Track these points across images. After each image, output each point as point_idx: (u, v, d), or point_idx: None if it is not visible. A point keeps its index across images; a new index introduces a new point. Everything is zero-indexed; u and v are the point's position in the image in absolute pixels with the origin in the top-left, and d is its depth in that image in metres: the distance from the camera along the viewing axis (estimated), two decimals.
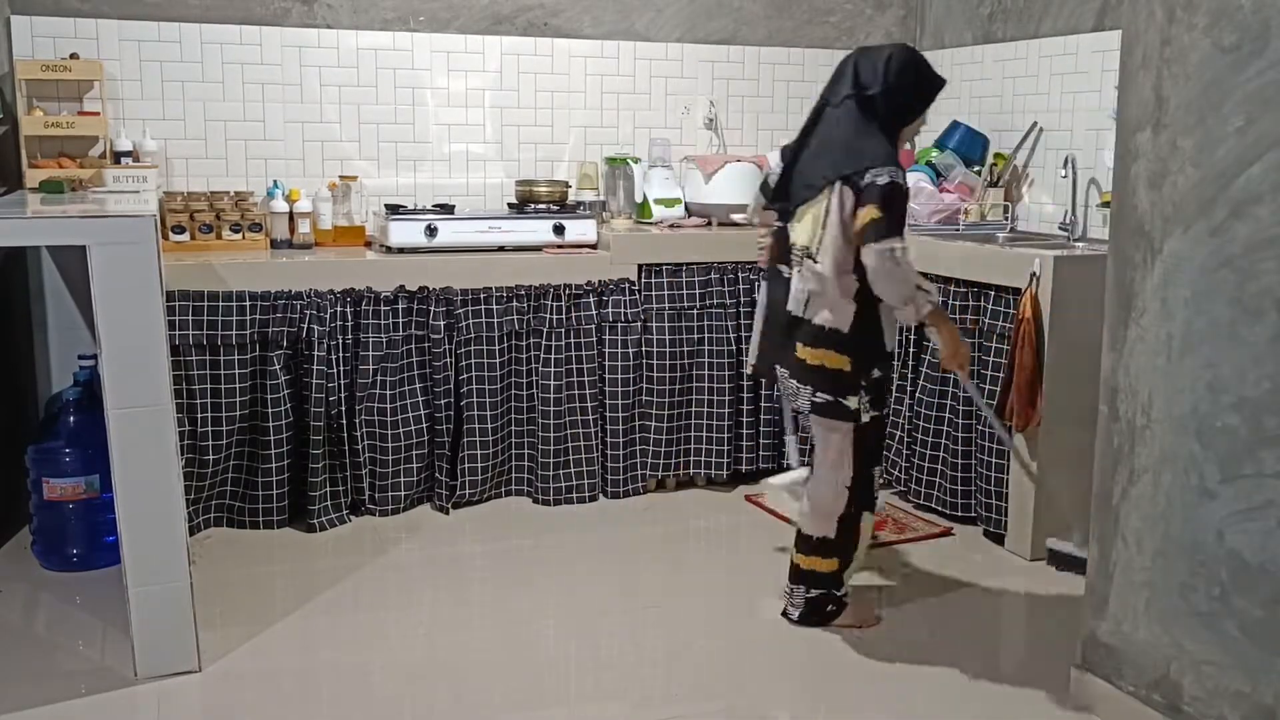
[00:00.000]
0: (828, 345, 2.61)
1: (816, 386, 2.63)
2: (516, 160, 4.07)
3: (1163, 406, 2.21)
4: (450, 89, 3.96)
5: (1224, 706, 2.12)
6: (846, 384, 2.62)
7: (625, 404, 3.68)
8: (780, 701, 2.48)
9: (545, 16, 4.04)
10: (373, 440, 3.43)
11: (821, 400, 2.63)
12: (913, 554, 3.31)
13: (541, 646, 2.71)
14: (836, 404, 2.63)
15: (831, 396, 2.62)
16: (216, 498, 3.35)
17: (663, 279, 3.67)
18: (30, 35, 3.47)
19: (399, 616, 2.85)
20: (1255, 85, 1.98)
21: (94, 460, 3.04)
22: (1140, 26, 2.23)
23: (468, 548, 3.32)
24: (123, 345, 2.37)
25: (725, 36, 4.28)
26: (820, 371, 2.62)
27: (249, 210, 3.52)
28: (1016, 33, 3.98)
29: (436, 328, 3.44)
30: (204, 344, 3.22)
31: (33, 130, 3.38)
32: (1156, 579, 2.25)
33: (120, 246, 2.34)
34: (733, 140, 4.35)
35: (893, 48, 2.62)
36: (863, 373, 2.61)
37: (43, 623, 2.80)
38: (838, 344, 2.60)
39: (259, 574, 3.09)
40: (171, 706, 2.40)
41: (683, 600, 2.99)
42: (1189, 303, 2.14)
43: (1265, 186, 1.98)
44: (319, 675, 2.55)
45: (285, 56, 3.74)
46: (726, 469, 3.82)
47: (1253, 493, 2.04)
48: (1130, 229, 2.28)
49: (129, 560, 2.43)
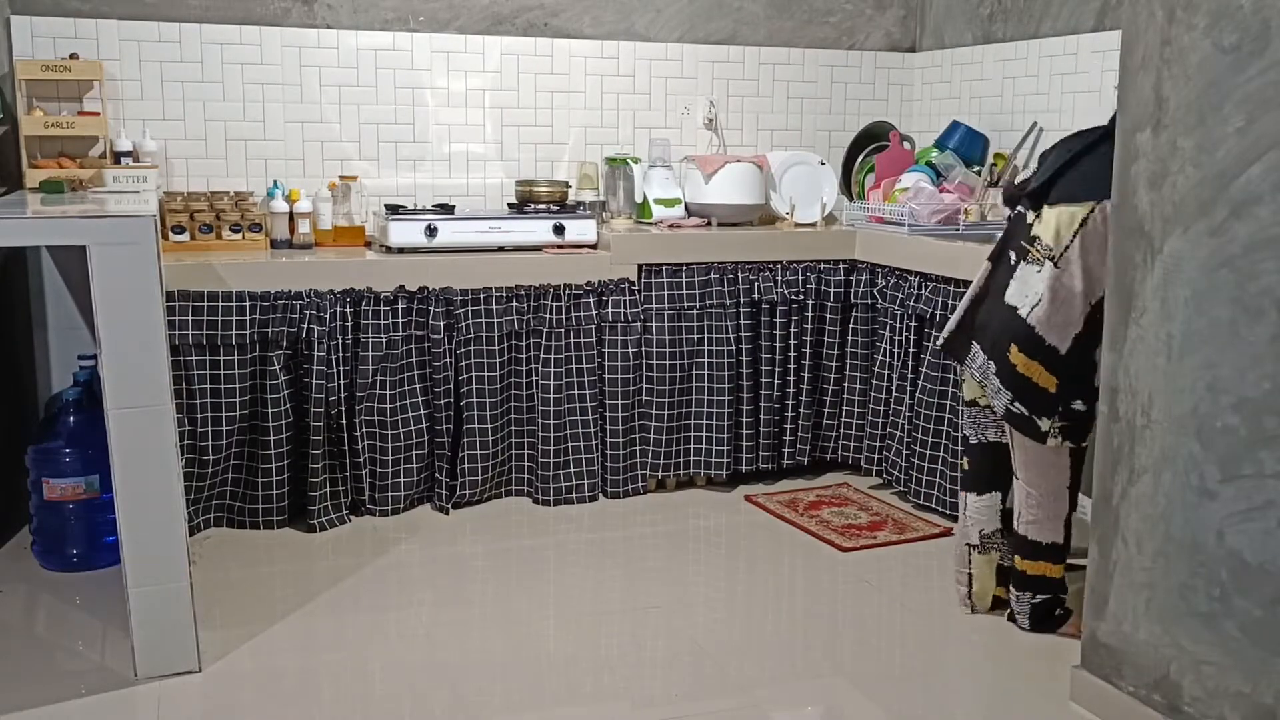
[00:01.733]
0: (1043, 359, 2.56)
1: (1017, 395, 2.59)
2: (516, 160, 4.07)
3: (1163, 406, 2.21)
4: (450, 89, 3.96)
5: (1224, 706, 2.12)
6: (1047, 405, 2.57)
7: (625, 404, 3.68)
8: (780, 701, 2.48)
9: (545, 16, 4.04)
10: (373, 440, 3.44)
11: (1018, 411, 2.60)
12: (913, 554, 3.31)
13: (541, 646, 2.71)
14: (1029, 420, 2.59)
15: (1027, 412, 2.58)
16: (216, 498, 3.35)
17: (663, 279, 3.67)
18: (30, 35, 3.47)
19: (399, 616, 2.85)
20: (1255, 85, 1.98)
21: (94, 460, 3.04)
22: (1140, 26, 2.23)
23: (468, 548, 3.32)
24: (123, 345, 2.37)
25: (725, 36, 4.28)
26: (1026, 384, 2.58)
27: (249, 210, 3.52)
28: (1016, 33, 3.98)
29: (436, 328, 3.44)
30: (204, 344, 3.22)
31: (33, 130, 3.38)
32: (1156, 579, 2.25)
33: (120, 246, 2.34)
34: (733, 140, 4.35)
35: None
36: (1066, 399, 2.57)
37: (43, 623, 2.80)
38: (1051, 362, 2.56)
39: (259, 574, 3.09)
40: (171, 706, 2.40)
41: (683, 600, 2.99)
42: (1189, 303, 2.14)
43: (1265, 186, 1.98)
44: (319, 675, 2.55)
45: (285, 56, 3.74)
46: (726, 469, 3.82)
47: (1253, 493, 2.04)
48: (1130, 229, 2.28)
49: (129, 560, 2.43)
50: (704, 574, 3.18)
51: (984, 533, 2.83)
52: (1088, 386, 2.57)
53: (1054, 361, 2.56)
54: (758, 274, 3.76)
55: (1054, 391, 2.57)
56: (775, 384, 3.83)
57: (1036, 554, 2.72)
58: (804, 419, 3.90)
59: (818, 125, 4.45)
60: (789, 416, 3.88)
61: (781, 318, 3.79)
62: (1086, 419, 2.59)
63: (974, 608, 2.88)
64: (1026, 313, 2.59)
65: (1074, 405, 2.58)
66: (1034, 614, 2.76)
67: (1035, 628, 2.77)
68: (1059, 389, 2.56)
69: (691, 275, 3.69)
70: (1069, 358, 2.56)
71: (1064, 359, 2.56)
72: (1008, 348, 2.61)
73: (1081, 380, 2.57)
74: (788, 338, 3.81)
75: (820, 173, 4.15)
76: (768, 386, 3.82)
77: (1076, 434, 2.61)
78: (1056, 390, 2.56)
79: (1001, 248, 2.74)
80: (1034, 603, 2.75)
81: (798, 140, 4.42)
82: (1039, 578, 2.74)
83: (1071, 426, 2.59)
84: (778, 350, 3.80)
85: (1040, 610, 2.76)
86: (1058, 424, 2.58)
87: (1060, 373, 2.56)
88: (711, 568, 3.24)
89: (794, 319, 3.82)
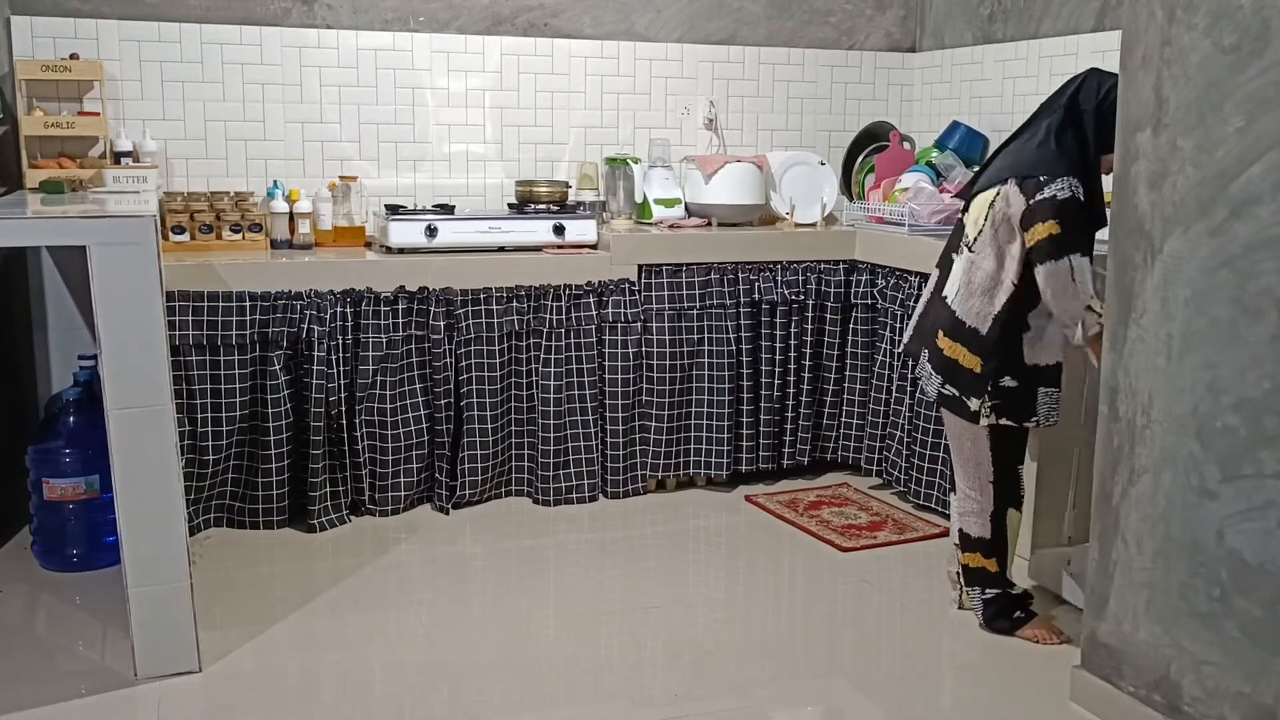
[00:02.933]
0: (965, 341, 2.63)
1: (946, 378, 2.66)
2: (516, 160, 4.07)
3: (1163, 407, 2.21)
4: (450, 89, 3.96)
5: (1224, 707, 2.12)
6: (973, 385, 2.62)
7: (625, 404, 3.68)
8: (780, 701, 2.48)
9: (545, 17, 4.04)
10: (373, 440, 3.44)
11: (948, 394, 2.67)
12: (913, 554, 3.31)
13: (541, 646, 2.71)
14: (959, 401, 2.65)
15: (956, 392, 2.65)
16: (216, 498, 3.35)
17: (663, 279, 3.67)
18: (30, 35, 3.47)
19: (399, 616, 2.85)
20: (1255, 85, 1.98)
21: (94, 460, 3.04)
22: (1140, 26, 2.23)
23: (468, 548, 3.32)
24: (123, 345, 2.37)
25: (725, 36, 4.28)
26: (953, 366, 2.65)
27: (249, 210, 3.52)
28: (1016, 33, 3.98)
29: (436, 328, 3.44)
30: (204, 344, 3.22)
31: (33, 130, 3.38)
32: (1156, 579, 2.25)
33: (120, 247, 2.34)
34: (733, 140, 4.35)
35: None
36: (992, 379, 2.60)
37: (43, 623, 2.80)
38: (974, 343, 2.62)
39: (259, 574, 3.09)
40: (171, 707, 2.40)
41: (683, 600, 2.99)
42: (1189, 303, 2.14)
43: (1265, 186, 1.98)
44: (319, 675, 2.55)
45: (285, 57, 3.74)
46: (726, 469, 3.82)
47: (1253, 493, 2.04)
48: (1130, 229, 2.28)
49: (129, 560, 2.43)
50: (704, 574, 3.18)
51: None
52: (1016, 364, 2.61)
53: (976, 342, 2.62)
54: (758, 274, 3.76)
55: (979, 372, 2.62)
56: (775, 384, 3.83)
57: (968, 545, 2.78)
58: (804, 419, 3.90)
59: (818, 125, 4.45)
60: (789, 417, 3.88)
61: (781, 318, 3.79)
62: (1021, 396, 2.62)
63: (962, 605, 2.90)
64: (952, 299, 2.66)
65: (1003, 383, 2.61)
66: (985, 610, 2.78)
67: (989, 625, 2.78)
68: (983, 369, 2.61)
69: (691, 275, 3.69)
70: (989, 338, 2.60)
71: (985, 339, 2.61)
72: (936, 334, 2.69)
73: (1008, 359, 2.61)
74: (788, 338, 3.81)
75: (820, 173, 4.15)
76: (768, 387, 3.82)
77: (1013, 411, 2.63)
78: (981, 370, 2.61)
79: (945, 251, 2.80)
80: (984, 598, 2.78)
81: (798, 140, 4.42)
82: (979, 570, 2.77)
83: (1004, 404, 2.62)
84: (778, 350, 3.81)
85: (992, 607, 2.77)
86: (988, 403, 2.62)
87: (983, 353, 2.61)
88: (711, 568, 3.24)
89: (794, 319, 3.82)
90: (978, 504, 2.74)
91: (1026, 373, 2.62)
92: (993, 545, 2.74)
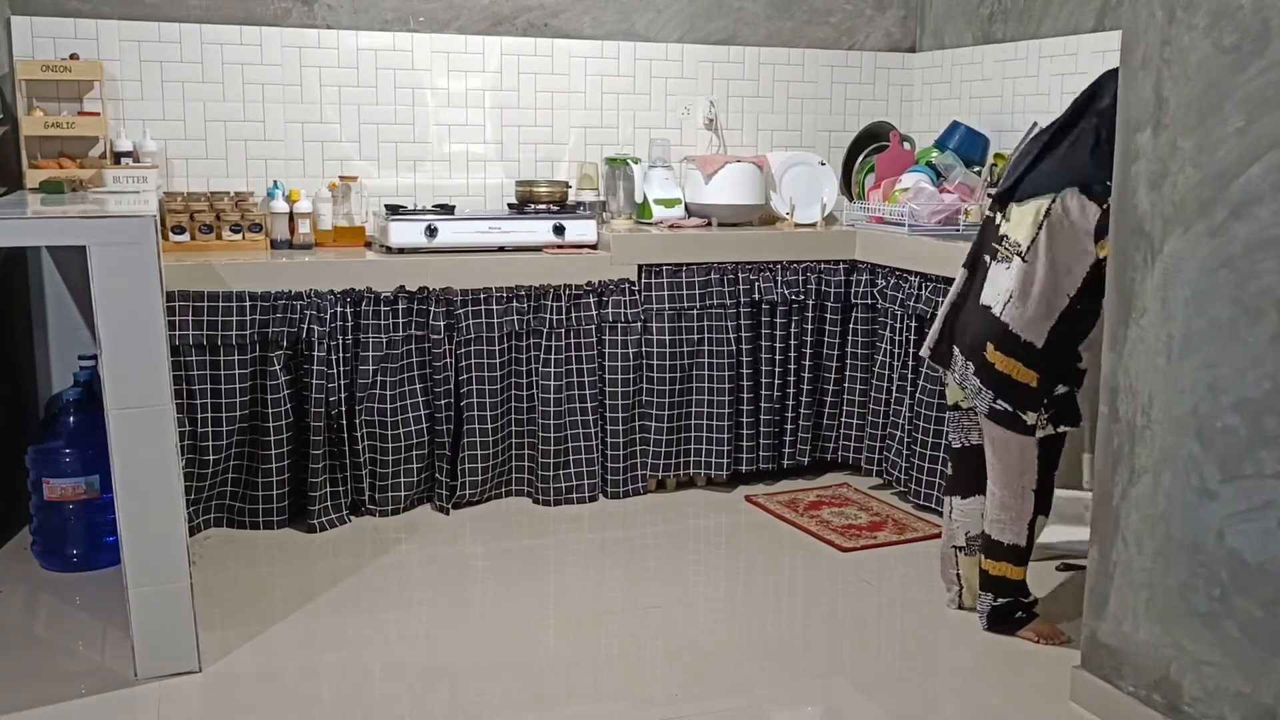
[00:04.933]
0: (1019, 356, 2.57)
1: (999, 393, 2.60)
2: (516, 160, 4.07)
3: (1163, 407, 2.21)
4: (450, 89, 3.96)
5: (1224, 707, 2.12)
6: (1030, 399, 2.58)
7: (625, 404, 3.68)
8: (780, 701, 2.48)
9: (545, 17, 4.04)
10: (373, 440, 3.44)
11: (1000, 409, 2.61)
12: (913, 554, 3.31)
13: (541, 646, 2.71)
14: (1014, 416, 2.59)
15: (1011, 408, 2.59)
16: (216, 498, 3.35)
17: (663, 279, 3.67)
18: (30, 35, 3.47)
19: (399, 616, 2.85)
20: (1255, 85, 1.98)
21: (94, 460, 3.04)
22: (1140, 27, 2.23)
23: (468, 548, 3.32)
24: (123, 345, 2.37)
25: (725, 37, 4.28)
26: (1006, 381, 2.59)
27: (249, 210, 3.52)
28: (1016, 33, 3.98)
29: (436, 328, 3.44)
30: (204, 344, 3.22)
31: (33, 130, 3.38)
32: (1156, 579, 2.25)
33: (120, 247, 2.34)
34: (733, 140, 4.35)
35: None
36: (1048, 390, 2.58)
37: (43, 623, 2.80)
38: (1029, 357, 2.57)
39: (259, 574, 3.09)
40: (171, 707, 2.40)
41: (683, 600, 2.99)
42: (1189, 303, 2.14)
43: (1265, 186, 1.98)
44: (319, 675, 2.55)
45: (285, 57, 3.74)
46: (726, 469, 3.82)
47: (1253, 493, 2.04)
48: (1130, 229, 2.28)
49: (129, 560, 2.43)
50: (704, 574, 3.18)
51: (970, 535, 2.83)
52: (1070, 372, 2.59)
53: (1032, 356, 2.57)
54: (758, 274, 3.76)
55: (1035, 386, 2.58)
56: (775, 384, 3.83)
57: (998, 554, 2.74)
58: (804, 419, 3.90)
59: (818, 125, 4.45)
60: (789, 417, 3.88)
61: (781, 318, 3.79)
62: (1071, 400, 2.62)
63: (963, 606, 2.90)
64: (1000, 311, 2.60)
65: (1057, 391, 2.60)
66: (992, 615, 2.78)
67: (992, 627, 2.78)
68: (1039, 383, 2.58)
69: (691, 275, 3.69)
70: (1046, 351, 2.57)
71: (1041, 353, 2.57)
72: (984, 347, 2.63)
73: (1065, 369, 2.59)
74: (788, 338, 3.81)
75: (820, 173, 4.15)
76: (768, 387, 3.82)
77: (1066, 416, 2.62)
78: (1038, 384, 2.58)
79: (975, 252, 2.77)
80: (994, 605, 2.77)
81: (798, 140, 4.42)
82: (1000, 579, 2.75)
83: (1058, 412, 2.61)
84: (778, 350, 3.81)
85: (999, 612, 2.77)
86: (1045, 415, 2.60)
87: (1039, 367, 2.58)
88: (711, 568, 3.24)
89: (794, 319, 3.82)
90: (1014, 511, 2.69)
91: (1076, 377, 2.60)
92: (1025, 553, 2.72)
